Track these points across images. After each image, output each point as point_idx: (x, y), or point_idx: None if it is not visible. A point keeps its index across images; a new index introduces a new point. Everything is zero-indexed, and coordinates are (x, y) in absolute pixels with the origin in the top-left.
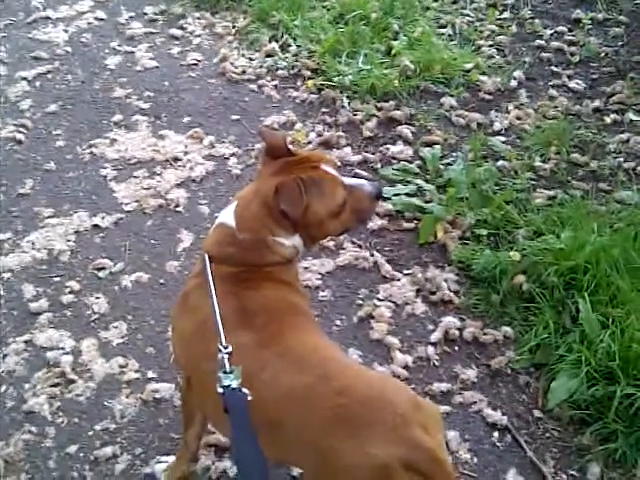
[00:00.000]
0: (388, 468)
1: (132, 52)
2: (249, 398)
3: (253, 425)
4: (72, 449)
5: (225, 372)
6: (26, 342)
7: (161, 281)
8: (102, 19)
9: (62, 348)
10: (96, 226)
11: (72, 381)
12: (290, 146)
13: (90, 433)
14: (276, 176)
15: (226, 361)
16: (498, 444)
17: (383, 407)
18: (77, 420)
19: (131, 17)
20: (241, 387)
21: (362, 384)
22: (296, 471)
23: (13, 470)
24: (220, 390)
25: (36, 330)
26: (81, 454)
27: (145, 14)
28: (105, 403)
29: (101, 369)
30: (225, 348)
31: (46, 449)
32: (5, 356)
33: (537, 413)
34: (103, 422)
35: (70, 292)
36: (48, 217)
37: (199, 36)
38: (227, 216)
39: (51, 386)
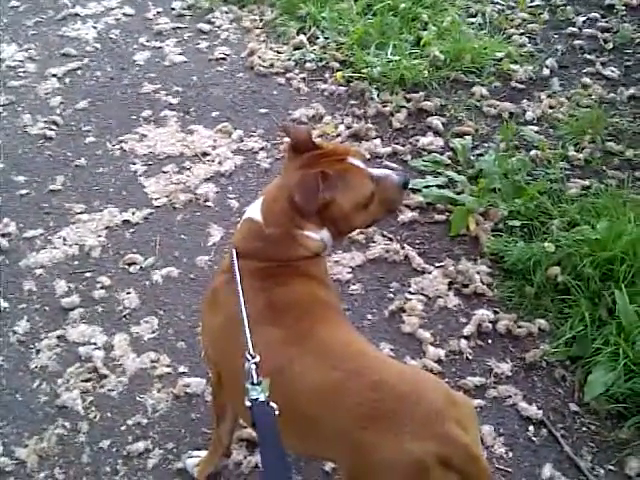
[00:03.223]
0: (424, 464)
1: (160, 47)
2: (277, 412)
3: (288, 421)
4: (105, 444)
5: (253, 384)
6: (58, 337)
7: (191, 276)
8: (130, 15)
9: (94, 343)
10: (126, 221)
11: (104, 376)
12: (316, 139)
13: (122, 428)
14: (302, 170)
15: (253, 372)
16: (534, 438)
17: (417, 402)
18: (110, 415)
19: (159, 12)
20: (269, 401)
21: (395, 379)
22: (328, 466)
23: (47, 465)
24: (248, 403)
25: (68, 326)
26: (114, 449)
27: (173, 9)
28: (137, 398)
29: (133, 364)
30: (252, 357)
31: (79, 444)
32: (38, 351)
33: (573, 407)
34: (135, 417)
35: (101, 287)
36: (79, 213)
37: (227, 30)
38: (254, 211)
39: (84, 381)
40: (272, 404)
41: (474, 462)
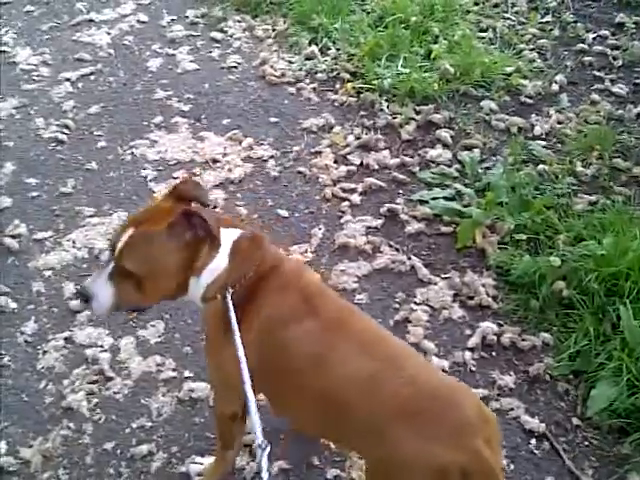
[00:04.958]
0: (447, 472)
1: (173, 55)
2: None
3: (323, 407)
4: (109, 446)
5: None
6: (66, 339)
7: None
8: (144, 22)
9: (101, 346)
10: None
11: (110, 378)
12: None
13: (127, 430)
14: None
15: (264, 464)
16: (535, 451)
17: (452, 407)
18: (114, 417)
19: (173, 20)
20: None
21: (431, 378)
22: (330, 473)
23: (51, 465)
24: None
25: (75, 328)
26: (118, 451)
27: (186, 17)
28: (142, 401)
29: (138, 367)
30: (264, 447)
31: (84, 445)
32: (45, 352)
33: (576, 421)
34: (140, 420)
35: None
36: (89, 216)
37: (239, 39)
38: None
39: (89, 383)
40: None
41: None
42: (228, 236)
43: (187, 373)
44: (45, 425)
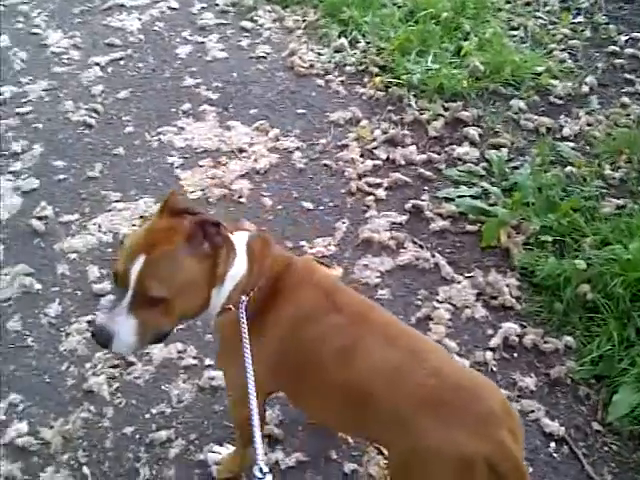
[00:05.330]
0: (472, 461)
1: (203, 42)
2: None
3: (348, 399)
4: (128, 430)
5: None
6: (89, 322)
7: None
8: (175, 9)
9: None
10: None
11: (131, 363)
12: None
13: (147, 416)
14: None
15: None
16: (555, 455)
17: (476, 399)
18: (134, 402)
19: (203, 8)
20: None
21: (456, 370)
22: (348, 467)
23: (71, 447)
24: None
25: (99, 311)
26: (137, 436)
27: (217, 5)
28: (162, 387)
29: (160, 353)
30: (263, 474)
31: (103, 429)
32: (68, 335)
33: (596, 426)
34: (160, 406)
35: None
36: (115, 201)
37: (269, 29)
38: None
39: (111, 367)
40: None
41: (519, 477)
42: (240, 240)
43: (208, 361)
44: (66, 407)
